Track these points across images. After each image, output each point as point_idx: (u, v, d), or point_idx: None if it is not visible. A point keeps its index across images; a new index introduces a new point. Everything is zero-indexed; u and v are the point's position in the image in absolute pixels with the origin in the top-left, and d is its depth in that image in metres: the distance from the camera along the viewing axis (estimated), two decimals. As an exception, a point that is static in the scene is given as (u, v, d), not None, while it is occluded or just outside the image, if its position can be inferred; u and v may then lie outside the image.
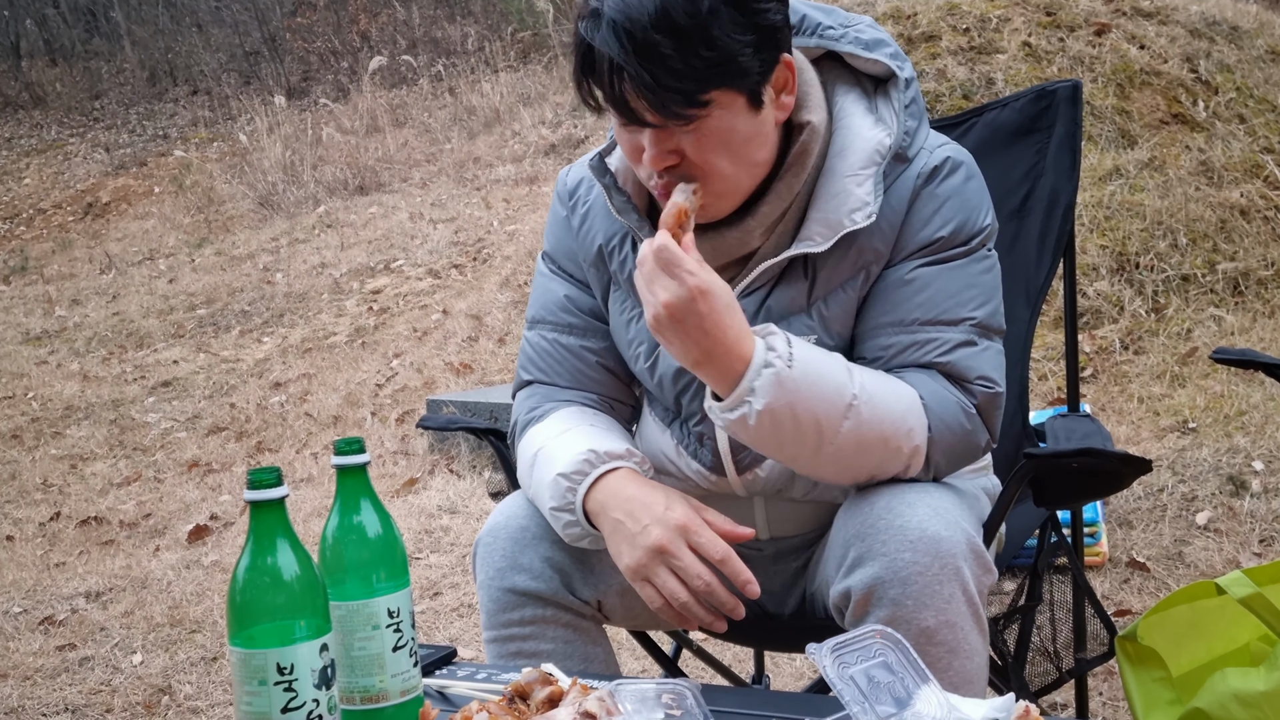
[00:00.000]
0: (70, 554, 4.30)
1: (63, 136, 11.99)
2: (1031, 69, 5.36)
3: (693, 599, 1.43)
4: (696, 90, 1.38)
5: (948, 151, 1.54)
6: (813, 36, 1.57)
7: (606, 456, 1.51)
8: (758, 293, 1.54)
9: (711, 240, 1.53)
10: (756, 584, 1.43)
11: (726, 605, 1.45)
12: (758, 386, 1.36)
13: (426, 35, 11.19)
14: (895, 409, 1.43)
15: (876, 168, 1.49)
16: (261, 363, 6.24)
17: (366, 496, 1.29)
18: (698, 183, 1.45)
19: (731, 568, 1.42)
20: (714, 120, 1.41)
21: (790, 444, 1.41)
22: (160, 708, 2.96)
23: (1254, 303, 4.37)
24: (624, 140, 1.49)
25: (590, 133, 8.02)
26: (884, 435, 1.42)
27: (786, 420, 1.37)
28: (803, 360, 1.38)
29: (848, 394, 1.39)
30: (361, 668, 1.27)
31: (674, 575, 1.43)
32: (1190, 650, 1.77)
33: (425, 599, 3.42)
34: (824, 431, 1.39)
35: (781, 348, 1.38)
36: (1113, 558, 3.06)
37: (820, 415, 1.38)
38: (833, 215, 1.49)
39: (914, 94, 1.55)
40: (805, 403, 1.37)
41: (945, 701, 1.17)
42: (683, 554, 1.42)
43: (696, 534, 1.42)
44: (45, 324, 7.64)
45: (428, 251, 7.03)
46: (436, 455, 4.71)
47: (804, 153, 1.50)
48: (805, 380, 1.37)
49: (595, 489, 1.49)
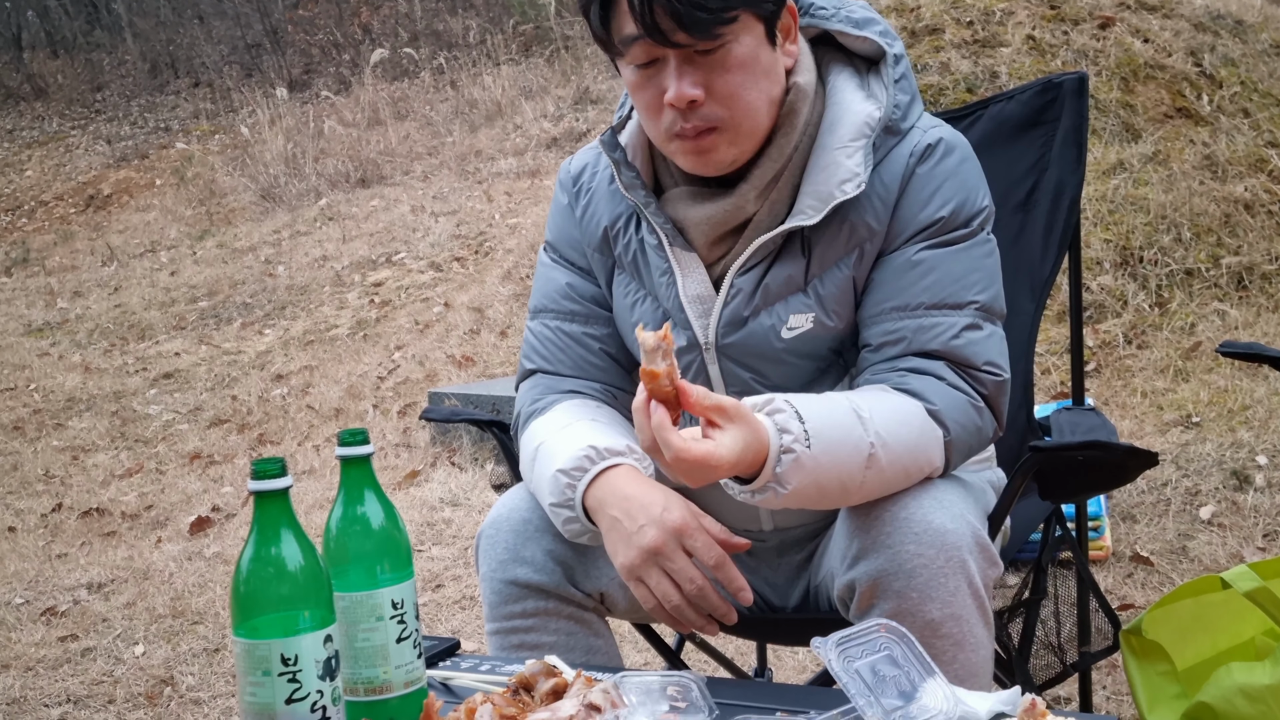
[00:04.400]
0: (72, 545, 4.30)
1: (64, 128, 11.98)
2: (1035, 62, 5.35)
3: (685, 601, 1.43)
4: (722, 7, 1.41)
5: (941, 133, 1.56)
6: (805, 15, 1.60)
7: (606, 453, 1.50)
8: (754, 270, 1.54)
9: (707, 210, 1.54)
10: (750, 591, 1.43)
11: (719, 610, 1.44)
12: (781, 474, 1.34)
13: (428, 28, 11.18)
14: (910, 439, 1.43)
15: (866, 140, 1.51)
16: (263, 355, 6.24)
17: (370, 487, 1.28)
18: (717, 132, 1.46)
19: (726, 574, 1.42)
20: (738, 46, 1.44)
21: (816, 502, 1.41)
22: (162, 699, 2.96)
23: (1258, 297, 4.36)
24: (643, 90, 1.49)
25: (592, 126, 8.01)
26: (906, 467, 1.43)
27: (811, 491, 1.37)
28: (818, 433, 1.36)
29: (865, 447, 1.38)
30: (365, 659, 1.26)
31: (667, 577, 1.42)
32: (1195, 644, 1.77)
33: (428, 591, 3.42)
34: (848, 486, 1.40)
35: (795, 428, 1.35)
36: (1116, 552, 3.06)
37: (844, 476, 1.38)
38: (823, 187, 1.50)
39: (904, 70, 1.57)
40: (828, 472, 1.37)
41: (951, 695, 1.16)
42: (677, 556, 1.41)
43: (691, 538, 1.42)
44: (47, 316, 7.64)
45: (429, 244, 7.02)
46: (438, 448, 4.71)
47: (792, 113, 1.52)
48: (825, 454, 1.36)
49: (594, 486, 1.49)
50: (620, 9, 1.44)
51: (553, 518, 1.56)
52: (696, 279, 1.57)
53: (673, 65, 1.44)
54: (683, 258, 1.57)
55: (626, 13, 1.43)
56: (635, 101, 1.53)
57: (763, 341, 1.54)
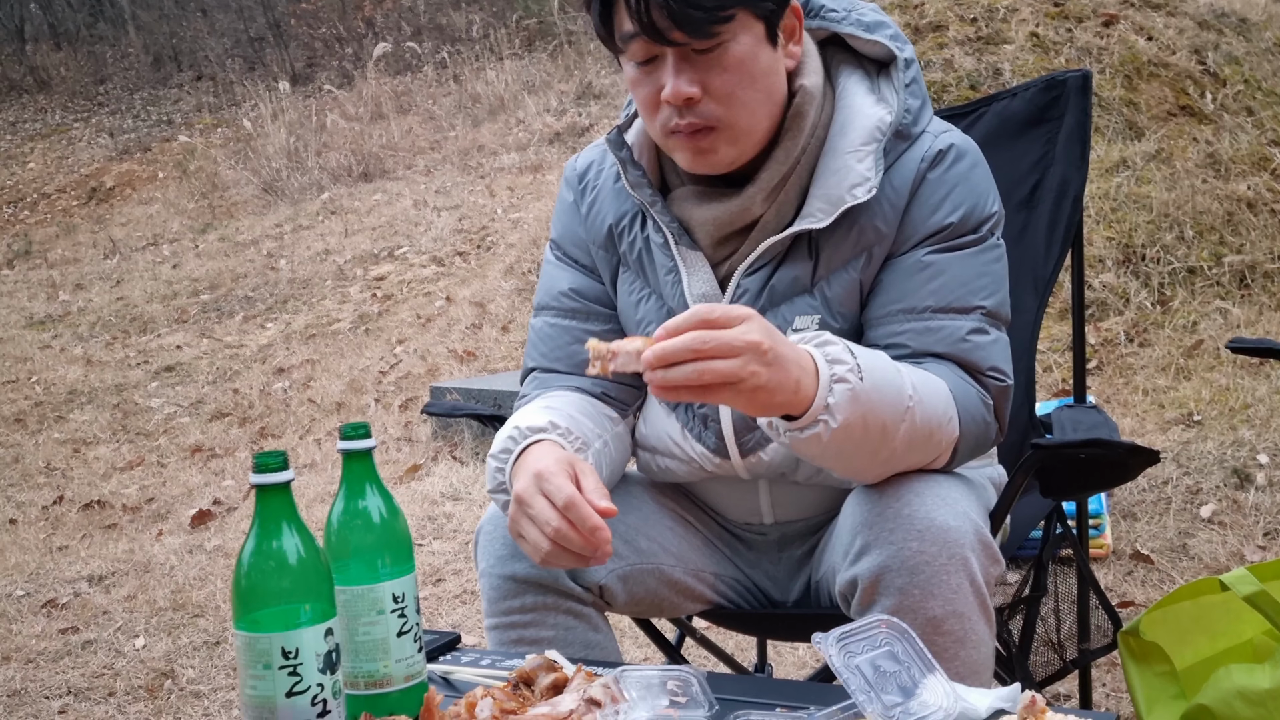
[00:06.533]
0: (73, 538, 4.30)
1: (67, 121, 11.98)
2: (1039, 60, 5.35)
3: (555, 548, 1.36)
4: (718, 6, 1.40)
5: (952, 138, 1.56)
6: (816, 18, 1.60)
7: (529, 431, 1.49)
8: (761, 271, 1.55)
9: (714, 210, 1.54)
10: (607, 531, 1.34)
11: (582, 551, 1.36)
12: (833, 404, 1.31)
13: (431, 22, 11.17)
14: (939, 405, 1.43)
15: (877, 144, 1.51)
16: (265, 349, 6.24)
17: (372, 482, 1.29)
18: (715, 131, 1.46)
19: (576, 513, 1.34)
20: (736, 46, 1.44)
21: (851, 454, 1.38)
22: (162, 691, 2.97)
23: (1260, 295, 4.36)
24: (642, 87, 1.49)
25: (594, 121, 8.01)
26: (931, 430, 1.42)
27: (857, 431, 1.34)
28: (869, 369, 1.35)
29: (905, 396, 1.38)
30: (366, 653, 1.26)
31: (533, 525, 1.38)
32: (1194, 645, 1.76)
33: (428, 585, 3.42)
34: (886, 436, 1.38)
35: (849, 359, 1.33)
36: (1116, 550, 3.06)
37: (886, 421, 1.36)
38: (833, 191, 1.50)
39: (914, 74, 1.57)
40: (875, 412, 1.35)
41: (951, 691, 1.16)
42: (535, 501, 1.37)
43: (547, 481, 1.37)
44: (49, 308, 7.65)
45: (432, 239, 7.02)
46: (440, 442, 4.71)
47: (799, 115, 1.52)
48: (875, 390, 1.34)
49: (517, 465, 1.47)
50: (619, 6, 1.44)
51: (496, 505, 1.55)
52: (702, 278, 1.57)
53: (670, 62, 1.45)
54: (688, 256, 1.58)
55: (625, 9, 1.43)
56: (635, 97, 1.53)
57: None
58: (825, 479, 1.61)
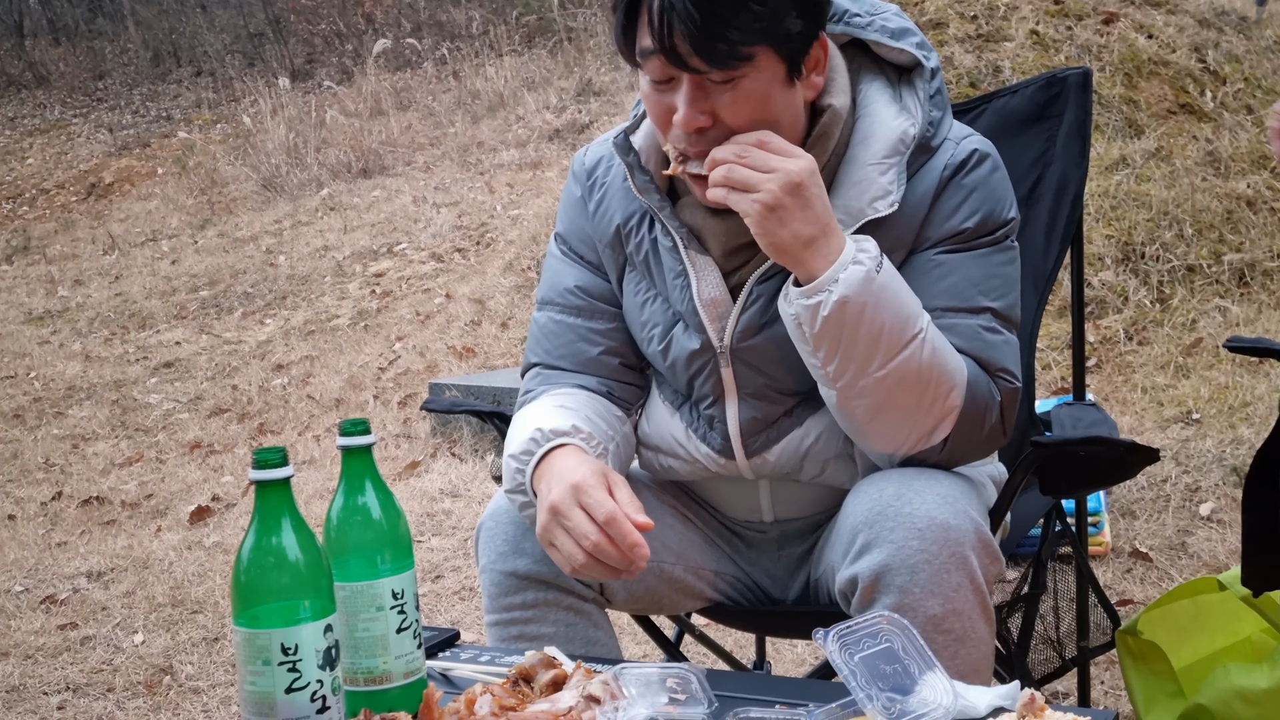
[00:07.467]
0: (72, 534, 4.30)
1: (66, 116, 11.97)
2: (1039, 57, 5.34)
3: (590, 560, 1.38)
4: (742, 41, 1.38)
5: (974, 144, 1.54)
6: (839, 23, 1.56)
7: (552, 434, 1.50)
8: (776, 278, 1.52)
9: (727, 223, 1.52)
10: (646, 547, 1.37)
11: (618, 565, 1.38)
12: (843, 278, 1.38)
13: (431, 18, 11.16)
14: (950, 363, 1.44)
15: (900, 157, 1.49)
16: (264, 345, 6.24)
17: (371, 478, 1.28)
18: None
19: (617, 529, 1.36)
20: (752, 81, 1.41)
21: (848, 347, 1.40)
22: (161, 687, 2.97)
23: (1259, 294, 4.36)
24: (655, 104, 1.48)
25: (594, 118, 8.00)
26: (930, 380, 1.42)
27: (854, 320, 1.38)
28: (889, 272, 1.41)
29: (916, 325, 1.41)
30: (365, 649, 1.26)
31: (569, 536, 1.39)
32: (1192, 643, 1.77)
33: (427, 582, 3.42)
34: (884, 348, 1.40)
35: (874, 250, 1.41)
36: (1115, 547, 3.06)
37: (888, 330, 1.39)
38: (854, 203, 1.49)
39: (939, 84, 1.55)
40: (877, 311, 1.39)
41: (951, 689, 1.16)
42: (573, 514, 1.38)
43: (586, 494, 1.38)
44: (48, 304, 7.64)
45: (431, 235, 7.02)
46: (439, 439, 4.71)
47: (824, 135, 1.50)
48: (887, 290, 1.40)
49: (539, 468, 1.48)
50: (642, 21, 1.42)
51: (512, 505, 1.56)
52: (712, 283, 1.56)
53: (685, 88, 1.42)
54: (698, 261, 1.56)
55: (647, 26, 1.41)
56: (648, 109, 1.51)
57: (779, 347, 1.52)
58: (828, 478, 1.61)
